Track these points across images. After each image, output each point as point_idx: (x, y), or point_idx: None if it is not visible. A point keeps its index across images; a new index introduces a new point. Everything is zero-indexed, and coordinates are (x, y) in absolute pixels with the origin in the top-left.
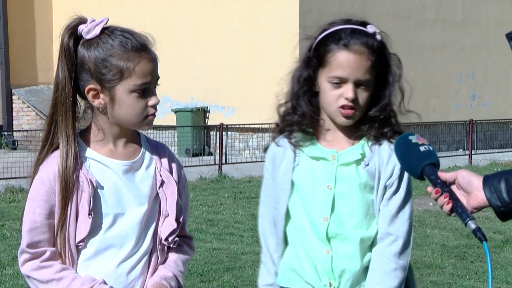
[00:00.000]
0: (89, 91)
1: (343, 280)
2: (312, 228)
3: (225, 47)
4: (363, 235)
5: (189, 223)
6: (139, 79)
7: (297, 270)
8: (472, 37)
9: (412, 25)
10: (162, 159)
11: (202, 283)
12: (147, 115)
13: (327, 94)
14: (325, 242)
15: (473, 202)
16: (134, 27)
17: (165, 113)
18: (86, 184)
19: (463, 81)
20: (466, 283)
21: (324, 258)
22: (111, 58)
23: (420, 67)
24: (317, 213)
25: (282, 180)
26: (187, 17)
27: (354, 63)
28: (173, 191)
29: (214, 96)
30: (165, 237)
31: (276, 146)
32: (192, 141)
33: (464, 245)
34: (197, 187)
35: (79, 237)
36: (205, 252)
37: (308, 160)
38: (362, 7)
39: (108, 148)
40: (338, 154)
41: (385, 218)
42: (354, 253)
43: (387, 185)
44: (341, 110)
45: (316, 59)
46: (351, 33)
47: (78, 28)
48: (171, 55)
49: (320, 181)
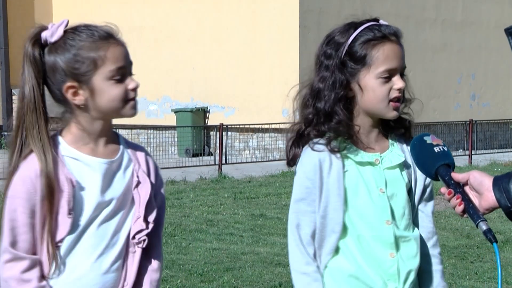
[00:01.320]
0: (68, 89)
1: (407, 282)
2: (372, 233)
3: (225, 47)
4: (416, 236)
5: (189, 223)
6: (113, 64)
7: (361, 278)
8: (472, 37)
9: (412, 25)
10: (140, 160)
11: (202, 283)
12: (128, 100)
13: (377, 91)
14: (390, 246)
15: (484, 203)
16: (134, 27)
17: (165, 113)
18: (66, 183)
19: (463, 81)
20: (466, 283)
21: (389, 262)
22: (81, 52)
23: (420, 67)
24: (378, 218)
25: (335, 186)
26: (187, 17)
27: (398, 52)
28: (146, 192)
29: (214, 96)
30: (132, 236)
31: (318, 152)
32: (192, 141)
33: (464, 245)
34: (197, 187)
35: (59, 236)
36: (205, 252)
37: (354, 165)
38: (362, 7)
39: (89, 147)
40: (381, 157)
41: (428, 217)
42: (416, 253)
43: (426, 185)
44: (392, 103)
45: (353, 62)
46: (379, 27)
47: (41, 35)
48: (171, 55)
49: (372, 186)
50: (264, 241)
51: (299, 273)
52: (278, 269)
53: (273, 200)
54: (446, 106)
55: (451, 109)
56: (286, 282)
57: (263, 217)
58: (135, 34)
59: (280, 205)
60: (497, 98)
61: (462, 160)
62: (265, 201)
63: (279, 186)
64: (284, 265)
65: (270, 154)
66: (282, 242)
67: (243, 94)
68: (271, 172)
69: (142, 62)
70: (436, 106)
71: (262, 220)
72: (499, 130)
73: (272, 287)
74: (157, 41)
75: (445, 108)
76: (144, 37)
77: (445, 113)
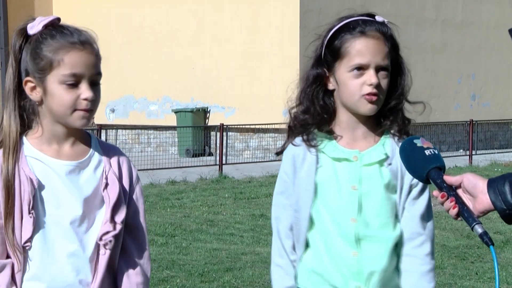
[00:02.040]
0: (26, 83)
1: (372, 283)
2: (337, 230)
3: (226, 48)
4: (390, 236)
5: (189, 223)
6: (68, 69)
7: (322, 274)
8: (472, 37)
9: (412, 25)
10: (112, 161)
11: (202, 284)
12: (78, 109)
13: (348, 84)
14: (352, 244)
15: (478, 206)
16: (135, 27)
17: (166, 113)
18: (26, 183)
19: (463, 81)
20: (467, 284)
21: (351, 260)
22: (43, 50)
23: (420, 68)
24: (343, 215)
25: (305, 181)
26: (188, 17)
27: (373, 48)
28: (114, 194)
29: (214, 97)
30: (99, 237)
31: (295, 147)
32: (193, 142)
33: (464, 245)
34: (197, 188)
35: (24, 237)
36: (206, 252)
37: (329, 161)
38: (362, 7)
39: (53, 148)
40: (361, 155)
41: (413, 217)
42: (383, 254)
43: (412, 184)
44: (366, 97)
45: (330, 54)
46: (364, 22)
47: (27, 27)
48: (172, 55)
49: (344, 182)
50: (264, 241)
51: (275, 264)
52: None
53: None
54: (446, 106)
55: (451, 109)
56: None
57: (263, 217)
58: (135, 34)
59: None
60: (497, 98)
61: (463, 160)
62: (266, 201)
63: None
64: None
65: (270, 154)
66: None
67: (243, 94)
68: (272, 172)
69: (142, 62)
70: (436, 106)
71: (262, 220)
72: (499, 130)
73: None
74: (157, 41)
75: (445, 108)
76: (144, 37)
77: (445, 113)
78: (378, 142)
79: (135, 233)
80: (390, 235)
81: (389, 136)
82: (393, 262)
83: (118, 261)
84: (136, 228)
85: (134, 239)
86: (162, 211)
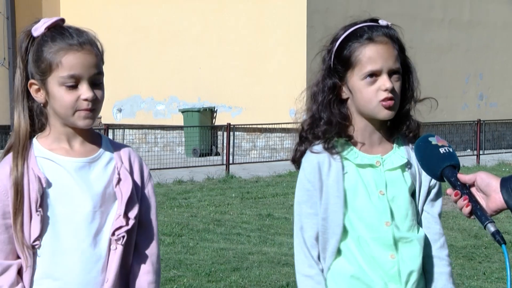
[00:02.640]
0: (31, 85)
1: (409, 284)
2: (372, 235)
3: (232, 47)
4: (419, 237)
5: (196, 223)
6: (66, 71)
7: (362, 279)
8: (480, 37)
9: (419, 25)
10: (123, 159)
11: (209, 283)
12: (79, 109)
13: (363, 92)
14: (389, 247)
15: (491, 204)
16: (141, 27)
17: (172, 113)
18: (35, 181)
19: (471, 81)
20: (474, 284)
21: (390, 263)
22: (44, 52)
23: (427, 68)
24: (377, 219)
25: (334, 188)
26: (193, 17)
27: (383, 53)
28: (128, 189)
29: (221, 96)
30: (112, 232)
31: (317, 154)
32: (199, 141)
33: (472, 245)
34: (204, 187)
35: (33, 236)
36: (212, 252)
37: (354, 167)
38: (369, 7)
39: (62, 147)
40: (383, 159)
41: (434, 219)
42: (418, 255)
43: (431, 186)
44: (382, 103)
45: (340, 64)
46: (369, 28)
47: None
48: (178, 55)
49: (372, 188)
50: (271, 241)
51: (303, 275)
52: (286, 269)
53: (280, 200)
54: (453, 106)
55: (459, 109)
56: (293, 282)
57: (270, 217)
58: (141, 34)
59: (287, 205)
60: (504, 98)
61: (470, 160)
62: (273, 201)
63: (286, 186)
64: (292, 265)
65: (277, 154)
66: (289, 242)
67: (250, 94)
68: (278, 172)
69: (149, 62)
70: (443, 106)
71: (269, 220)
72: (507, 130)
73: (280, 287)
74: (164, 41)
75: (453, 108)
76: (151, 37)
77: (453, 113)
78: (394, 146)
79: (147, 231)
80: (420, 236)
81: (402, 140)
82: (422, 263)
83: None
84: (148, 225)
85: (145, 237)
86: (169, 210)
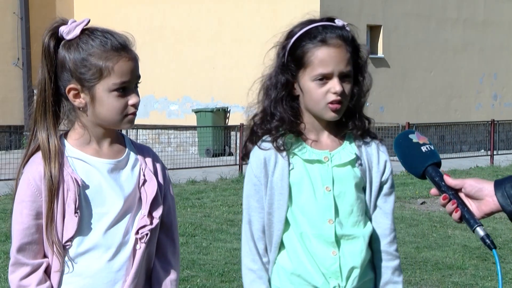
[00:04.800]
0: (70, 90)
1: (350, 279)
2: (315, 231)
3: (246, 47)
4: (364, 233)
5: (209, 223)
6: (118, 78)
7: (302, 275)
8: (494, 36)
9: (433, 25)
10: (146, 160)
11: (222, 283)
12: (127, 114)
13: (313, 93)
14: (331, 244)
15: (485, 208)
16: (155, 27)
17: (186, 113)
18: (72, 183)
19: (485, 81)
20: (488, 284)
21: (331, 260)
22: (91, 58)
23: (441, 67)
24: (320, 216)
25: (279, 184)
26: (208, 17)
27: (335, 56)
28: (152, 190)
29: (234, 96)
30: (136, 231)
31: (264, 150)
32: (213, 141)
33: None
34: (217, 187)
35: (66, 236)
36: (226, 252)
37: (301, 163)
38: (383, 7)
39: (93, 148)
40: (331, 155)
41: (387, 214)
42: (360, 251)
43: (382, 181)
44: (330, 105)
45: (293, 63)
46: (324, 29)
47: (59, 29)
48: (192, 55)
49: (318, 184)
50: None
51: (246, 269)
52: None
53: None
54: (467, 106)
55: (473, 109)
56: None
57: None
58: (155, 34)
59: None
60: None
61: (484, 160)
62: None
63: None
64: None
65: None
66: None
67: None
68: None
69: (163, 62)
70: (457, 106)
71: None
72: None
73: None
74: (177, 41)
75: (467, 108)
76: (165, 37)
77: (467, 113)
78: (344, 142)
79: (168, 231)
80: (366, 231)
81: (353, 137)
82: (368, 256)
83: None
84: (170, 225)
85: (167, 237)
86: (183, 210)
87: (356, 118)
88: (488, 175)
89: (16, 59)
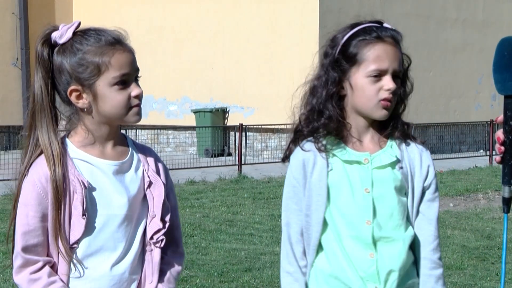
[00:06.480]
0: (71, 92)
1: (388, 283)
2: (352, 233)
3: (245, 47)
4: (404, 237)
5: (208, 223)
6: (117, 70)
7: (340, 277)
8: (493, 37)
9: (432, 25)
10: (149, 160)
11: (221, 284)
12: (132, 107)
13: (366, 89)
14: (369, 246)
15: None
16: (154, 28)
17: (185, 113)
18: (78, 185)
19: (484, 81)
20: (487, 285)
21: (368, 262)
22: (86, 56)
23: (440, 68)
24: (358, 217)
25: (317, 186)
26: (207, 17)
27: (391, 53)
28: (160, 192)
29: (233, 97)
30: (150, 236)
31: (304, 152)
32: (212, 142)
33: (484, 246)
34: (216, 188)
35: (73, 238)
36: (225, 252)
37: (341, 164)
38: (382, 6)
39: (97, 149)
40: (372, 157)
41: (431, 221)
42: (399, 254)
43: (425, 187)
44: (382, 102)
45: (346, 60)
46: (377, 28)
47: (51, 36)
48: (191, 55)
49: (357, 185)
50: None
51: (284, 271)
52: None
53: None
54: (466, 107)
55: (472, 110)
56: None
57: None
58: (155, 35)
59: None
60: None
61: (483, 160)
62: None
63: None
64: None
65: None
66: None
67: (262, 94)
68: None
69: (162, 62)
70: (456, 106)
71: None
72: None
73: None
74: (176, 41)
75: (466, 108)
76: (164, 38)
77: (466, 114)
78: (385, 145)
79: (173, 231)
80: (407, 235)
81: (395, 140)
82: (409, 261)
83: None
84: (174, 226)
85: (172, 237)
86: (181, 211)
87: (398, 121)
88: (487, 175)
89: (15, 60)
